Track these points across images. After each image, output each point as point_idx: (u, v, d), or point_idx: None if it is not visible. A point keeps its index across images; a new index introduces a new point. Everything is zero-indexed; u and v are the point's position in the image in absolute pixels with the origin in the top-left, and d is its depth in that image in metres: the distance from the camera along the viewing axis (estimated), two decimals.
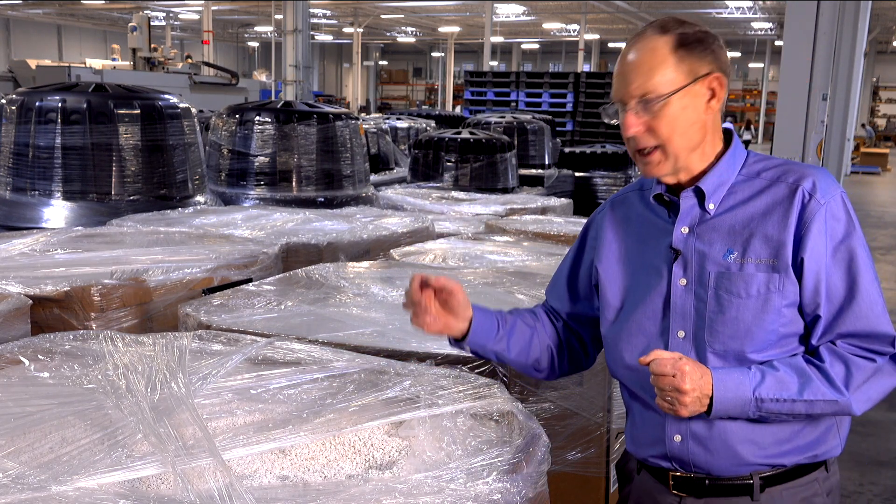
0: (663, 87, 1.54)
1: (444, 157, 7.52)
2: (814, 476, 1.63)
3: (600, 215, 1.82)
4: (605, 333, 1.75)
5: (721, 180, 1.61)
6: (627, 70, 1.57)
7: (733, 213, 1.59)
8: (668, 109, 1.54)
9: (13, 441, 1.56)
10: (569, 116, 16.23)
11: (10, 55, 32.44)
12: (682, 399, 1.47)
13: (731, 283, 1.55)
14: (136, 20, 16.05)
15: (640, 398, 1.70)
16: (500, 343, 1.76)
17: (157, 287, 2.85)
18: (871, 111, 38.01)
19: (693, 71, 1.55)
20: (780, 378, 1.51)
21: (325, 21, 35.06)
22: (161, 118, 4.76)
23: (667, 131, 1.55)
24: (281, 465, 1.56)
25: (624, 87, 1.57)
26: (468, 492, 1.44)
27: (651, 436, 1.68)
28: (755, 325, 1.54)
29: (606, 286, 1.73)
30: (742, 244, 1.56)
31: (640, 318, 1.66)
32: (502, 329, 1.77)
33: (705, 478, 1.64)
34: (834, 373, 1.51)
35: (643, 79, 1.54)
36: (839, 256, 1.53)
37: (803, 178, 1.56)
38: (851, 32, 8.74)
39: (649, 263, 1.67)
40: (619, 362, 1.71)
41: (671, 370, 1.47)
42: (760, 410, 1.51)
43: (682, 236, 1.62)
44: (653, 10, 28.73)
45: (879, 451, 4.52)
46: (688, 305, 1.60)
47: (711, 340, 1.57)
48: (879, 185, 20.51)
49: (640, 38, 1.58)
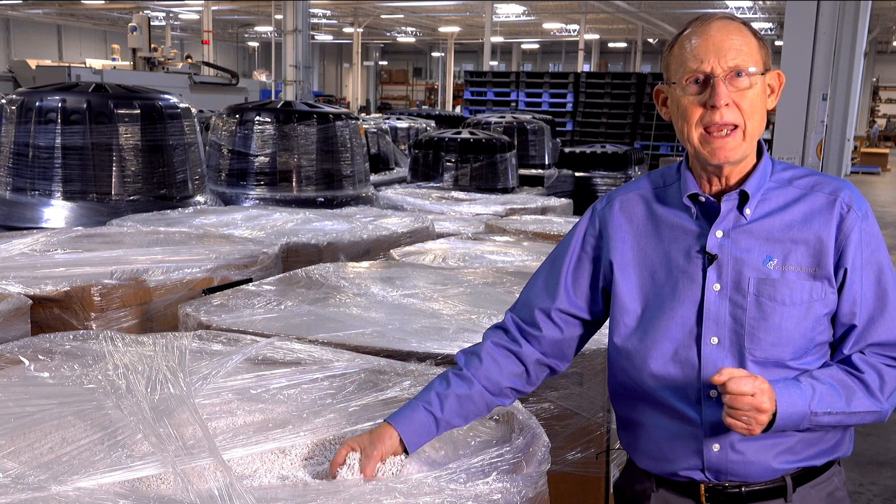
0: (756, 64, 1.52)
1: (444, 157, 7.53)
2: (833, 471, 1.66)
3: (605, 211, 1.70)
4: (621, 341, 1.64)
5: (759, 185, 1.58)
6: (719, 44, 1.51)
7: (770, 220, 1.56)
8: (754, 89, 1.52)
9: (13, 441, 1.56)
10: (569, 116, 16.24)
11: (10, 55, 32.43)
12: (759, 419, 1.43)
13: (774, 290, 1.53)
14: (136, 20, 16.05)
15: (666, 407, 1.61)
16: (445, 428, 1.63)
17: (157, 287, 2.85)
18: (871, 111, 38.01)
19: (766, 62, 1.54)
20: (828, 391, 1.51)
21: (325, 21, 35.06)
22: (161, 118, 4.77)
23: (750, 110, 1.52)
24: (281, 465, 1.56)
25: (715, 58, 1.50)
26: (468, 492, 1.44)
27: (683, 448, 1.61)
28: (797, 333, 1.53)
29: (623, 289, 1.64)
30: (782, 251, 1.54)
31: (668, 325, 1.59)
32: (440, 417, 1.61)
33: (741, 485, 1.61)
34: (872, 382, 1.53)
35: (736, 52, 1.50)
36: (870, 268, 1.54)
37: (840, 190, 1.56)
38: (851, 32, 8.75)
39: (675, 266, 1.60)
40: (643, 370, 1.61)
41: (751, 389, 1.42)
42: (812, 423, 1.50)
43: (718, 240, 1.57)
44: (653, 10, 28.73)
45: (879, 451, 4.52)
46: (722, 312, 1.55)
47: (752, 348, 1.54)
48: (879, 185, 20.51)
49: (716, 19, 1.54)
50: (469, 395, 1.63)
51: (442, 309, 2.65)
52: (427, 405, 1.60)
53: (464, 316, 2.57)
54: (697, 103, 1.52)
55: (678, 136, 1.59)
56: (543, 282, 1.74)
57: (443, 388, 1.63)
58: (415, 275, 3.12)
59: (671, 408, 1.61)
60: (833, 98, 8.58)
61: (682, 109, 1.54)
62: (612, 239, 1.67)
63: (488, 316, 2.56)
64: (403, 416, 1.59)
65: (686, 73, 1.52)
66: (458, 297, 2.78)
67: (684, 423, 1.60)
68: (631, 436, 1.71)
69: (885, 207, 15.76)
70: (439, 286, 2.94)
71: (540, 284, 1.75)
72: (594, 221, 1.72)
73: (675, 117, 1.57)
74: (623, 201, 1.70)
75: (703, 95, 1.51)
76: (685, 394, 1.58)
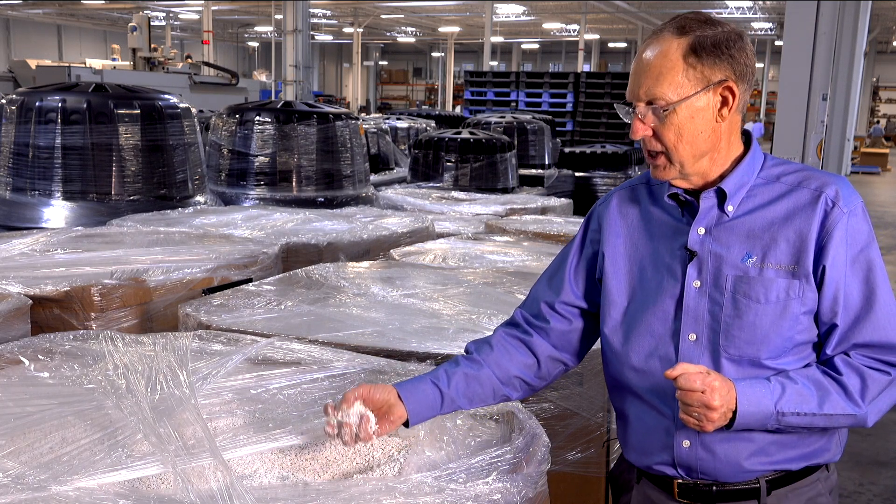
0: (671, 94, 1.50)
1: (444, 157, 7.52)
2: (816, 476, 1.63)
3: (603, 206, 1.76)
4: (609, 333, 1.68)
5: (741, 182, 1.57)
6: (639, 71, 1.53)
7: (752, 217, 1.56)
8: (674, 118, 1.51)
9: (13, 441, 1.56)
10: (569, 116, 16.24)
11: (10, 55, 32.42)
12: (709, 415, 1.44)
13: (749, 288, 1.52)
14: (136, 20, 16.04)
15: (645, 401, 1.64)
16: (450, 406, 1.64)
17: (157, 287, 2.85)
18: (871, 111, 37.99)
19: (704, 78, 1.50)
20: (799, 391, 1.49)
21: (325, 21, 35.06)
22: (161, 118, 4.76)
23: (672, 139, 1.52)
24: (281, 465, 1.56)
25: (634, 89, 1.54)
26: (468, 492, 1.44)
27: (656, 442, 1.64)
28: (772, 332, 1.52)
29: (611, 282, 1.67)
30: (762, 248, 1.54)
31: (649, 319, 1.61)
32: (446, 392, 1.63)
33: (712, 484, 1.61)
34: (851, 385, 1.50)
35: (651, 83, 1.51)
36: (858, 266, 1.52)
37: (826, 186, 1.54)
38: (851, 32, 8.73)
39: (660, 262, 1.62)
40: (624, 363, 1.65)
41: (700, 386, 1.42)
42: (780, 424, 1.49)
43: (699, 237, 1.58)
44: (653, 10, 28.73)
45: (879, 451, 4.52)
46: (701, 308, 1.56)
47: (727, 345, 1.54)
48: (879, 185, 20.50)
49: (655, 39, 1.54)
50: (477, 377, 1.66)
51: (442, 309, 2.65)
52: (434, 379, 1.64)
53: (464, 316, 2.57)
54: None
55: None
56: (549, 278, 1.80)
57: (451, 366, 1.67)
58: (415, 275, 3.12)
59: (648, 402, 1.64)
60: (833, 98, 8.58)
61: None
62: (607, 233, 1.71)
63: (488, 316, 2.56)
64: (410, 385, 1.62)
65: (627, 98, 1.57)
66: (458, 297, 2.78)
67: (659, 417, 1.62)
68: (621, 428, 1.74)
69: (885, 207, 15.76)
70: (439, 286, 2.94)
71: (546, 281, 1.80)
72: (594, 218, 1.77)
73: None
74: (620, 198, 1.74)
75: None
76: (661, 388, 1.59)
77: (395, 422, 1.57)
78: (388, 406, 1.57)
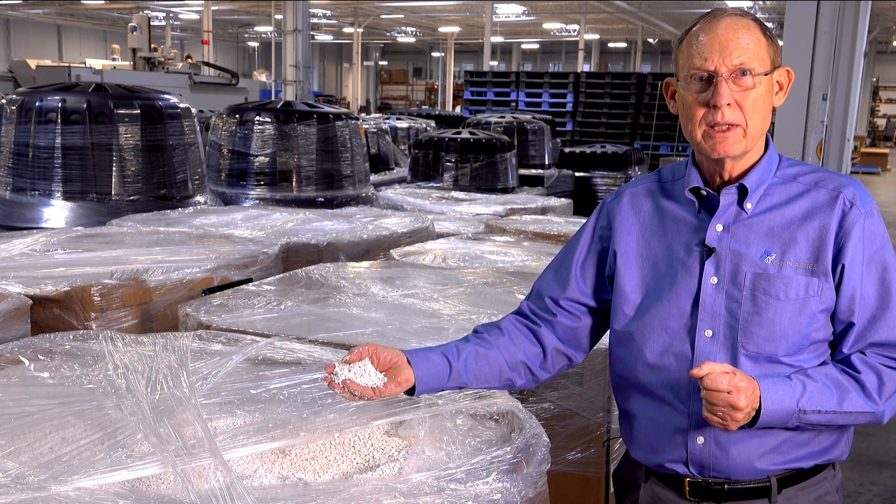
0: (759, 66, 1.52)
1: (444, 157, 7.53)
2: (824, 475, 1.64)
3: (614, 203, 1.75)
4: (621, 329, 1.67)
5: (761, 180, 1.59)
6: (725, 40, 1.51)
7: (771, 215, 1.57)
8: (758, 89, 1.53)
9: (13, 441, 1.56)
10: (569, 116, 16.25)
11: (10, 55, 32.41)
12: (734, 415, 1.43)
13: (769, 285, 1.53)
14: (136, 20, 16.03)
15: (657, 398, 1.63)
16: (456, 380, 1.64)
17: (157, 287, 2.85)
18: (871, 111, 37.98)
19: (774, 60, 1.55)
20: (820, 389, 1.50)
21: (325, 21, 35.05)
22: (161, 118, 4.77)
23: (752, 110, 1.53)
24: (281, 465, 1.56)
25: (720, 57, 1.51)
26: (468, 492, 1.44)
27: (668, 439, 1.63)
28: (790, 329, 1.53)
29: (624, 279, 1.67)
30: (781, 246, 1.55)
31: (664, 315, 1.61)
32: (454, 365, 1.63)
33: (724, 482, 1.61)
34: (869, 383, 1.52)
35: (742, 52, 1.51)
36: (874, 267, 1.54)
37: (843, 186, 1.56)
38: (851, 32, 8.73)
39: (675, 259, 1.62)
40: (637, 360, 1.64)
41: (726, 386, 1.41)
42: (801, 421, 1.50)
43: (717, 234, 1.58)
44: (653, 10, 28.72)
45: (879, 451, 4.53)
46: (718, 305, 1.57)
47: (745, 342, 1.55)
48: (879, 185, 20.51)
49: (725, 15, 1.54)
50: (486, 355, 1.67)
51: (442, 309, 2.65)
52: (444, 351, 1.64)
53: (464, 316, 2.57)
54: (700, 102, 1.53)
55: (683, 130, 1.61)
56: (555, 273, 1.79)
57: (462, 342, 1.69)
58: (415, 275, 3.12)
59: (662, 398, 1.63)
60: (833, 98, 8.57)
61: (686, 106, 1.56)
62: (619, 230, 1.70)
63: (488, 316, 2.56)
64: (421, 352, 1.63)
65: (691, 70, 1.54)
66: (458, 297, 2.78)
67: (673, 414, 1.61)
68: (627, 427, 1.73)
69: (886, 207, 15.76)
70: (439, 286, 2.94)
71: (552, 275, 1.79)
72: (604, 214, 1.76)
73: (681, 113, 1.59)
74: (633, 194, 1.74)
75: (706, 94, 1.53)
76: (676, 385, 1.59)
77: (402, 384, 1.56)
78: (395, 368, 1.57)
